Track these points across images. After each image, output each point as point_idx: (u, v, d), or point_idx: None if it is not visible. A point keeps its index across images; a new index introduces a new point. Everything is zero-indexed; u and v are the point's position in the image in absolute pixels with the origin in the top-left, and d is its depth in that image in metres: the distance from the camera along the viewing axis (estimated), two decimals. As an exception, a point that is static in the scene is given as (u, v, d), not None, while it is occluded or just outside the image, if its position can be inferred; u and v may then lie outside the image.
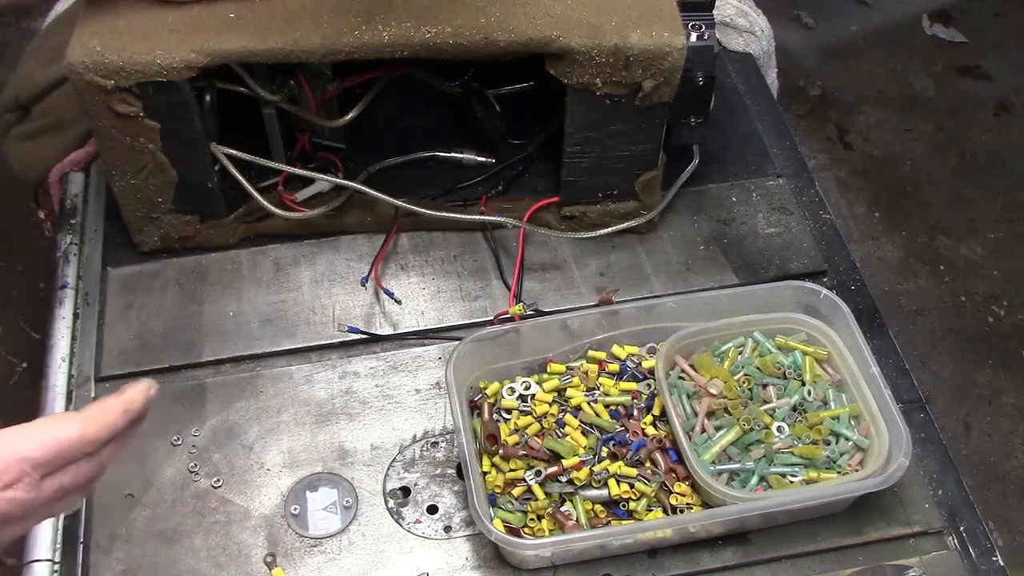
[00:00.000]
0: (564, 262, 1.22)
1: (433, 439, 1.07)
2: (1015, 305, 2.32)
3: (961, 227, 2.46)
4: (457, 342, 1.05)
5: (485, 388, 1.05)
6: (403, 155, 1.27)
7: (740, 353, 1.07)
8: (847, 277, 1.21)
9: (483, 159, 1.28)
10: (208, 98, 1.10)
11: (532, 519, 0.98)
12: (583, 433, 1.02)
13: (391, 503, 1.02)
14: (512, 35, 1.03)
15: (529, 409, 1.04)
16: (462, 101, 1.27)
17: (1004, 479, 2.05)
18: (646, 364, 1.07)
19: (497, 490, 0.99)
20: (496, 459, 1.01)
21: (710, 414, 1.02)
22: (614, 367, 1.07)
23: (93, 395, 1.10)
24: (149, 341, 1.14)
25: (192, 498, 1.03)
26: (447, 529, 1.01)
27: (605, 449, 1.00)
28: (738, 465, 0.99)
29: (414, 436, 1.07)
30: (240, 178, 1.13)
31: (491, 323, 1.12)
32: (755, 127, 1.37)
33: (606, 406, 1.04)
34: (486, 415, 1.03)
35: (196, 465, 1.05)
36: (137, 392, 0.76)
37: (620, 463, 0.99)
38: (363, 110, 1.17)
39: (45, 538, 0.99)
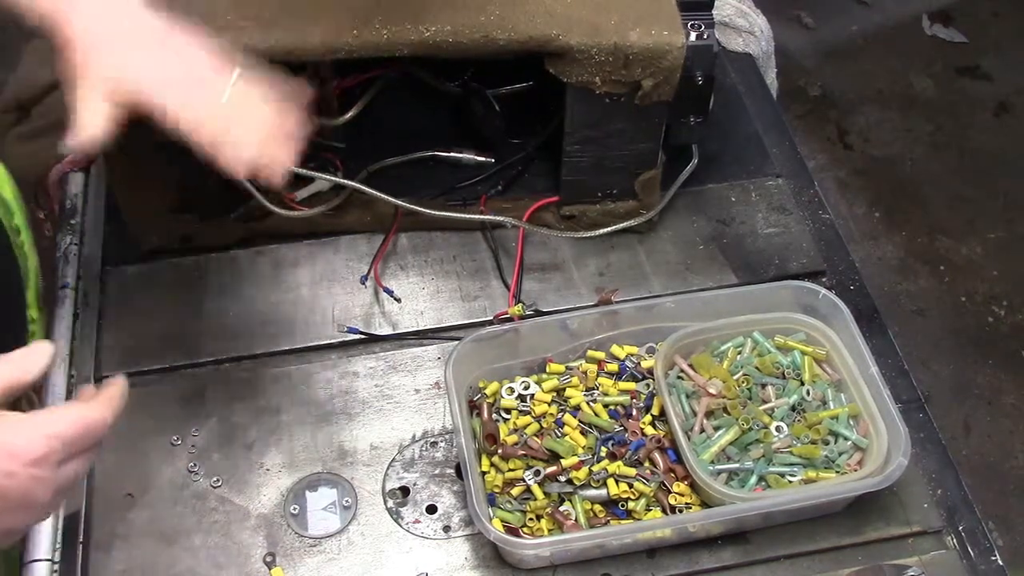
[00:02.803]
0: (564, 262, 1.22)
1: (432, 439, 1.07)
2: (1015, 305, 2.32)
3: (961, 227, 2.46)
4: (457, 342, 1.05)
5: (484, 388, 1.05)
6: (402, 155, 1.27)
7: (739, 353, 1.07)
8: (846, 277, 1.21)
9: (482, 159, 1.28)
10: (208, 98, 1.10)
11: (531, 519, 0.98)
12: (582, 433, 1.02)
13: (390, 503, 1.03)
14: (512, 34, 1.03)
15: (528, 409, 1.03)
16: (462, 101, 1.27)
17: (1004, 479, 2.05)
18: (645, 364, 1.07)
19: (496, 490, 0.99)
20: (495, 459, 1.01)
21: (709, 414, 1.02)
22: (613, 367, 1.07)
23: (93, 395, 1.10)
24: (149, 341, 1.14)
25: (192, 498, 1.03)
26: (446, 529, 1.01)
27: (604, 449, 1.00)
28: (737, 465, 0.99)
29: (413, 436, 1.07)
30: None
31: (490, 323, 1.12)
32: (755, 127, 1.36)
33: (605, 406, 1.04)
34: (485, 415, 1.03)
35: (196, 465, 1.05)
36: (123, 384, 0.77)
37: (619, 463, 0.99)
38: (362, 109, 1.17)
39: (45, 538, 0.98)
